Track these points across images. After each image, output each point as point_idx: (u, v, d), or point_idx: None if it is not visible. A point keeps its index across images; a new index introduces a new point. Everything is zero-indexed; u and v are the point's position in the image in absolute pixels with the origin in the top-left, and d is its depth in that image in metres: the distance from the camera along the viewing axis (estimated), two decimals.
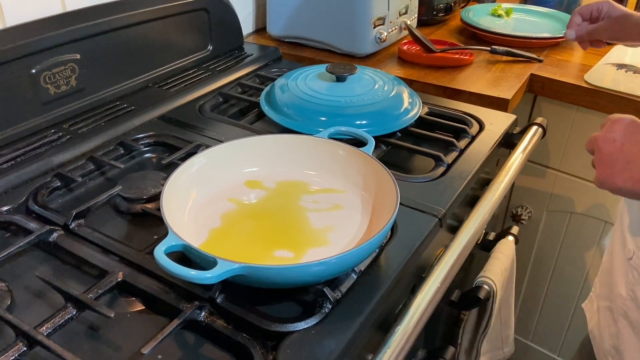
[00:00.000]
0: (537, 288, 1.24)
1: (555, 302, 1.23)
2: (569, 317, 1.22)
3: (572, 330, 1.23)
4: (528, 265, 1.23)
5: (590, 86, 0.96)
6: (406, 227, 0.59)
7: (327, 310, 0.48)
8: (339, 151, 0.60)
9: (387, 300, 0.51)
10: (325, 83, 0.82)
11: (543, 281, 1.22)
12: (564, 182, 1.09)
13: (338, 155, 0.61)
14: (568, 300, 1.20)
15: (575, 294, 1.18)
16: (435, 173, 0.69)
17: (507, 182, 0.69)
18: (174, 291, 0.49)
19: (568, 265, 1.17)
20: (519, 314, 1.30)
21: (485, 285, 0.75)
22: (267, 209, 0.58)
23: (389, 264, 0.54)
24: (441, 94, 0.97)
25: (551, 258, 1.18)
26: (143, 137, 0.74)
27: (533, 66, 1.04)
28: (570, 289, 1.19)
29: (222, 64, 0.98)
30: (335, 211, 0.58)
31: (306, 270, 0.45)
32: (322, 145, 0.62)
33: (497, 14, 1.28)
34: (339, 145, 0.61)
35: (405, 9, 1.13)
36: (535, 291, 1.25)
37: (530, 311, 1.28)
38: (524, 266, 1.23)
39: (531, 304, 1.27)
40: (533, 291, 1.25)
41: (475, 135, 0.79)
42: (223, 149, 0.60)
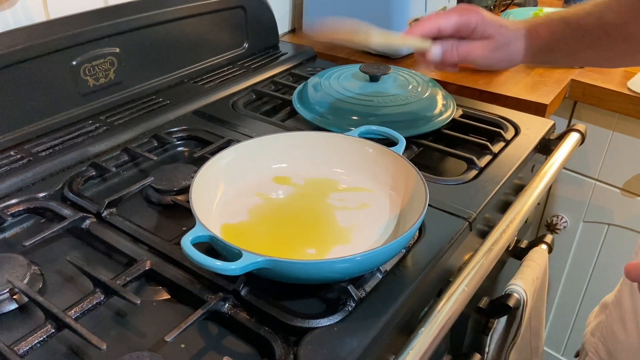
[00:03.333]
0: (571, 301, 1.20)
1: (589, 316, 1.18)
2: None
3: None
4: (562, 277, 1.19)
5: (634, 94, 0.92)
6: (434, 229, 0.58)
7: (351, 309, 0.47)
8: (368, 149, 0.60)
9: (412, 302, 0.50)
10: (358, 82, 0.82)
11: (577, 294, 1.18)
12: (603, 192, 1.05)
13: (367, 153, 0.60)
14: None
15: None
16: (467, 176, 0.68)
17: (542, 189, 0.67)
18: (199, 282, 0.49)
19: (604, 279, 1.12)
20: (550, 326, 1.26)
21: (515, 294, 0.73)
22: (294, 205, 0.58)
23: (415, 265, 0.53)
24: (477, 97, 0.95)
25: (586, 270, 1.14)
26: (176, 131, 0.76)
27: (574, 72, 1.01)
28: None
29: (257, 62, 0.99)
30: (363, 210, 0.57)
31: (330, 267, 0.45)
32: (351, 144, 0.61)
33: None
34: (368, 144, 0.60)
35: (443, 10, 1.11)
36: (568, 304, 1.21)
37: (562, 324, 1.24)
38: (558, 278, 1.20)
39: (564, 316, 1.23)
40: (566, 304, 1.21)
41: (510, 140, 0.77)
42: (253, 144, 0.60)
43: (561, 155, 0.74)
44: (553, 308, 1.24)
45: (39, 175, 0.65)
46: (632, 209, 1.02)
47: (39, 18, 0.74)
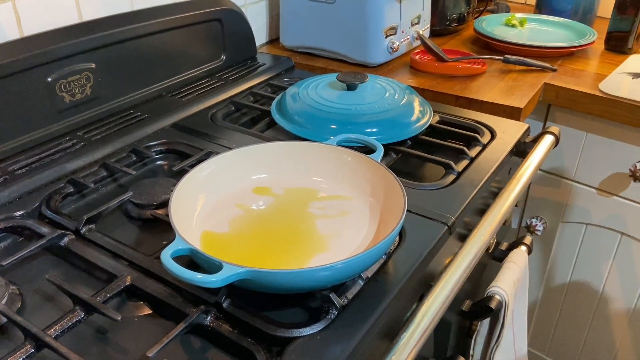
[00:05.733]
0: (553, 301, 1.22)
1: (571, 316, 1.20)
2: (586, 331, 1.19)
3: (588, 344, 1.20)
4: (543, 278, 1.21)
5: (606, 95, 0.95)
6: (415, 234, 0.59)
7: (333, 317, 0.47)
8: (346, 157, 0.61)
9: (394, 308, 0.51)
10: (336, 92, 0.83)
11: (559, 294, 1.20)
12: (579, 193, 1.07)
13: (345, 161, 0.61)
14: (584, 314, 1.18)
15: (591, 308, 1.16)
16: (446, 181, 0.69)
17: (518, 191, 0.69)
18: (181, 295, 0.49)
19: (584, 278, 1.14)
20: (534, 327, 1.28)
21: (496, 296, 0.74)
22: (275, 215, 0.58)
23: (396, 271, 0.54)
24: (453, 103, 0.96)
25: (567, 270, 1.16)
26: (155, 145, 0.75)
27: (547, 75, 1.04)
28: (587, 303, 1.16)
29: (235, 74, 0.99)
30: (343, 217, 0.58)
31: (312, 276, 0.45)
32: (329, 152, 0.62)
33: (511, 24, 1.28)
34: (346, 152, 0.61)
35: (417, 19, 1.13)
36: (550, 304, 1.22)
37: (545, 324, 1.25)
38: (539, 278, 1.21)
39: (547, 317, 1.24)
40: (548, 304, 1.23)
41: (486, 144, 0.78)
42: (231, 155, 0.60)
43: (536, 158, 0.75)
44: (536, 308, 1.25)
45: (15, 193, 0.64)
46: (608, 208, 1.04)
47: (13, 35, 0.74)
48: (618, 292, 1.10)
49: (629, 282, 1.08)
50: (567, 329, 1.22)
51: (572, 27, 1.24)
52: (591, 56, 1.15)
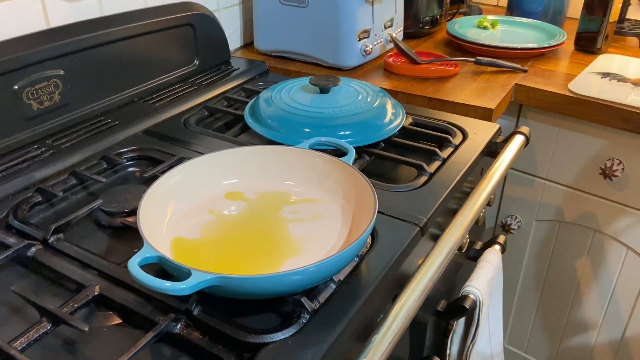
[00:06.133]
0: (529, 298, 1.23)
1: (547, 313, 1.22)
2: (562, 327, 1.21)
3: (565, 340, 1.22)
4: (519, 276, 1.22)
5: (575, 95, 0.97)
6: (387, 236, 0.59)
7: (305, 321, 0.47)
8: (316, 160, 0.61)
9: (367, 310, 0.51)
10: (309, 95, 0.83)
11: (535, 291, 1.22)
12: (552, 191, 1.09)
13: (316, 164, 0.61)
14: (560, 310, 1.20)
15: (567, 304, 1.18)
16: (418, 182, 0.69)
17: (489, 191, 0.69)
18: (150, 304, 0.49)
19: (559, 275, 1.16)
20: (512, 325, 1.29)
21: (471, 295, 0.75)
22: (247, 220, 0.58)
23: (368, 273, 0.54)
24: (426, 105, 0.97)
25: (542, 268, 1.18)
26: (126, 152, 0.75)
27: (518, 76, 1.05)
28: (562, 299, 1.18)
29: (209, 78, 0.99)
30: (315, 221, 0.58)
31: (282, 280, 0.45)
32: (300, 156, 0.62)
33: (483, 25, 1.30)
34: (317, 155, 0.61)
35: (390, 22, 1.14)
36: (527, 301, 1.24)
37: (523, 322, 1.27)
38: (516, 276, 1.23)
39: (524, 314, 1.26)
40: (525, 301, 1.24)
41: (458, 145, 0.79)
42: (201, 161, 0.60)
43: (507, 158, 0.76)
44: (514, 306, 1.27)
45: None
46: (580, 205, 1.06)
47: None
48: (592, 288, 1.12)
49: (603, 278, 1.10)
50: (544, 326, 1.24)
51: (542, 28, 1.27)
52: (561, 57, 1.17)
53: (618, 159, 0.98)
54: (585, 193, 1.04)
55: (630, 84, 1.00)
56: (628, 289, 1.07)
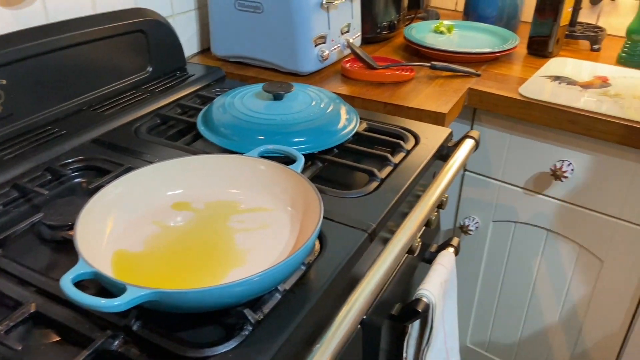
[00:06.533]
0: (489, 298, 1.25)
1: (507, 311, 1.24)
2: (521, 325, 1.23)
3: (524, 338, 1.24)
4: (479, 276, 1.24)
5: (524, 98, 0.99)
6: (336, 243, 0.59)
7: (248, 333, 0.47)
8: (263, 168, 0.60)
9: (315, 318, 0.51)
10: (262, 102, 0.82)
11: (494, 291, 1.24)
12: (507, 192, 1.11)
13: (263, 172, 0.61)
14: (518, 309, 1.22)
15: (524, 303, 1.20)
16: (369, 188, 0.70)
17: (438, 194, 0.70)
18: (89, 320, 0.48)
19: (516, 275, 1.19)
20: (473, 324, 1.31)
21: (423, 298, 0.75)
22: (193, 231, 0.57)
23: (315, 281, 0.54)
24: (382, 110, 0.98)
25: (500, 267, 1.20)
26: (72, 162, 0.73)
27: (471, 80, 1.07)
28: (520, 298, 1.21)
29: (162, 85, 0.97)
30: (263, 230, 0.57)
31: (222, 292, 0.45)
32: (246, 164, 0.62)
33: (440, 30, 1.32)
34: (262, 162, 0.61)
35: (347, 27, 1.15)
36: (487, 301, 1.26)
37: (483, 321, 1.29)
38: (475, 277, 1.25)
39: (484, 313, 1.28)
40: (485, 301, 1.26)
41: (410, 150, 0.80)
42: (144, 172, 0.59)
43: (457, 161, 0.78)
44: (474, 305, 1.29)
45: None
46: (534, 206, 1.09)
47: None
48: (548, 286, 1.15)
49: (557, 276, 1.13)
50: (504, 324, 1.26)
51: (496, 33, 1.29)
52: (515, 61, 1.20)
53: (568, 160, 1.00)
54: (538, 194, 1.07)
55: (579, 87, 1.03)
56: (582, 286, 1.10)
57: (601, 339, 1.13)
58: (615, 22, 1.40)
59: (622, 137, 0.91)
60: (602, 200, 1.00)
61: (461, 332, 1.34)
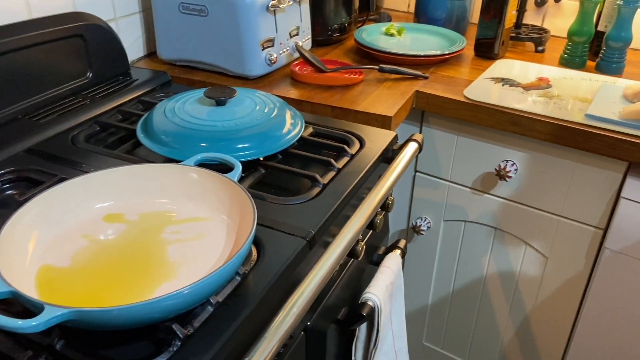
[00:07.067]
0: (443, 296, 1.27)
1: (460, 308, 1.27)
2: (473, 322, 1.26)
3: (477, 334, 1.27)
4: (432, 275, 1.26)
5: (469, 101, 1.01)
6: (273, 251, 0.58)
7: (176, 348, 0.46)
8: (196, 177, 0.59)
9: (249, 330, 0.50)
10: (205, 108, 0.81)
11: (447, 289, 1.26)
12: (456, 193, 1.13)
13: (198, 181, 0.60)
14: (471, 306, 1.24)
15: (476, 300, 1.23)
16: (310, 194, 0.69)
17: (379, 198, 0.71)
18: (11, 340, 0.46)
19: (467, 273, 1.21)
20: (428, 322, 1.33)
21: (369, 302, 0.76)
22: (124, 244, 0.55)
23: (251, 291, 0.53)
24: (330, 114, 0.98)
25: (452, 266, 1.22)
26: (4, 173, 0.70)
27: (419, 83, 1.08)
28: (472, 295, 1.23)
29: (103, 91, 0.95)
30: (198, 241, 0.56)
31: (146, 309, 0.44)
32: (180, 173, 0.61)
33: (390, 33, 1.33)
34: (196, 171, 0.60)
35: (296, 30, 1.15)
36: (441, 299, 1.28)
37: (438, 319, 1.31)
38: (429, 276, 1.27)
39: (439, 311, 1.30)
40: (439, 300, 1.28)
41: (355, 154, 0.80)
42: (72, 185, 0.57)
43: (400, 165, 0.78)
44: (429, 304, 1.30)
45: None
46: (481, 205, 1.11)
47: None
48: (497, 283, 1.18)
49: (506, 273, 1.15)
50: (458, 321, 1.29)
51: (445, 35, 1.31)
52: (462, 63, 1.22)
53: (512, 161, 1.03)
54: (485, 193, 1.09)
55: (521, 89, 1.06)
56: (529, 281, 1.13)
57: (549, 333, 1.16)
58: (560, 23, 1.44)
59: (561, 138, 0.94)
60: (544, 199, 1.03)
61: (417, 331, 1.36)
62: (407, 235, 1.25)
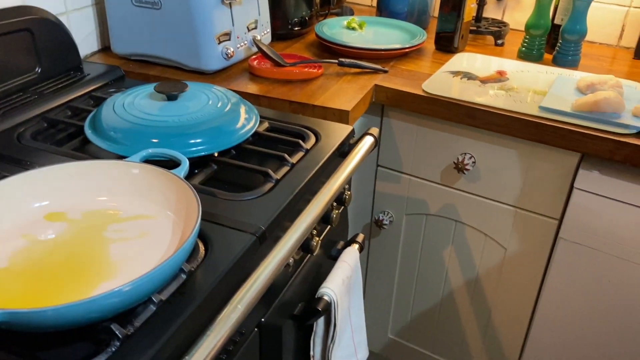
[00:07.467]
0: (407, 290, 1.28)
1: (423, 301, 1.28)
2: (437, 314, 1.27)
3: (441, 325, 1.28)
4: (396, 269, 1.27)
5: (427, 94, 1.01)
6: (222, 248, 0.57)
7: (115, 349, 0.45)
8: (138, 173, 0.58)
9: (193, 328, 0.49)
10: (156, 103, 0.79)
11: (411, 282, 1.27)
12: (417, 186, 1.13)
13: (141, 178, 0.59)
14: (434, 298, 1.26)
15: (439, 292, 1.24)
16: (263, 189, 0.69)
17: (332, 192, 0.70)
18: None
19: (430, 265, 1.22)
20: (393, 316, 1.34)
21: (325, 297, 0.76)
22: (64, 243, 0.54)
23: (196, 289, 0.52)
24: (287, 108, 0.97)
25: (415, 259, 1.23)
26: None
27: (378, 77, 1.08)
28: (435, 288, 1.24)
29: (53, 86, 0.92)
30: (142, 239, 0.55)
31: (81, 308, 0.42)
32: (122, 169, 0.59)
33: (351, 26, 1.32)
34: (135, 166, 0.59)
35: (254, 23, 1.13)
36: (405, 293, 1.29)
37: (403, 312, 1.32)
38: (393, 269, 1.27)
39: (403, 304, 1.31)
40: (404, 293, 1.29)
41: (310, 149, 0.80)
42: (8, 183, 0.55)
43: (355, 159, 0.78)
44: (393, 298, 1.31)
45: None
46: (441, 198, 1.12)
47: None
48: (459, 275, 1.19)
49: (467, 264, 1.17)
50: (422, 314, 1.30)
51: (406, 29, 1.31)
52: (423, 56, 1.23)
53: (469, 154, 1.04)
54: (445, 186, 1.10)
55: (479, 82, 1.07)
56: (489, 272, 1.15)
57: (509, 322, 1.18)
58: (520, 17, 1.46)
59: (516, 130, 0.95)
60: (502, 191, 1.05)
61: (382, 325, 1.36)
62: (371, 229, 1.26)
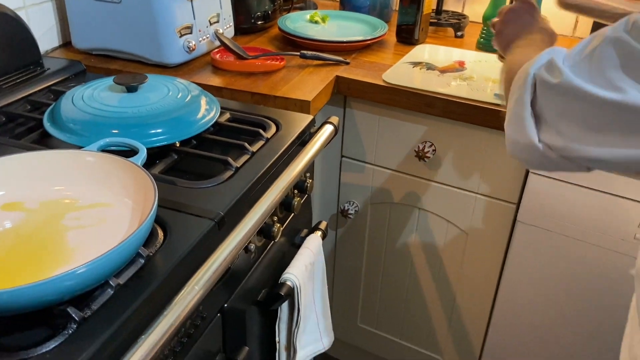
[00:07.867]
0: (374, 278, 1.31)
1: (391, 288, 1.30)
2: (404, 300, 1.30)
3: (408, 312, 1.31)
4: (363, 258, 1.29)
5: (387, 84, 1.03)
6: (180, 233, 0.59)
7: (72, 331, 0.45)
8: (94, 161, 0.59)
9: (149, 311, 0.50)
10: (116, 95, 0.80)
11: (378, 270, 1.29)
12: (381, 175, 1.16)
13: (98, 166, 0.59)
14: (400, 286, 1.28)
15: (406, 279, 1.27)
16: (222, 177, 0.70)
17: (291, 178, 0.72)
18: None
19: (395, 253, 1.24)
20: (362, 304, 1.36)
21: (287, 282, 0.77)
22: (22, 232, 0.54)
23: (153, 273, 0.53)
24: (249, 100, 0.98)
25: (381, 248, 1.25)
26: None
27: (340, 68, 1.10)
28: (401, 275, 1.27)
29: (11, 81, 0.91)
30: (99, 226, 0.56)
31: (35, 291, 0.43)
32: (77, 158, 0.60)
33: (314, 20, 1.34)
34: (89, 154, 0.59)
35: (216, 17, 1.14)
36: (372, 281, 1.31)
37: (371, 300, 1.34)
38: (360, 258, 1.30)
39: (371, 292, 1.33)
40: (371, 281, 1.32)
41: (270, 138, 0.81)
42: None
43: (314, 147, 0.80)
44: (361, 288, 1.34)
45: None
46: (404, 186, 1.14)
47: None
48: (423, 261, 1.22)
49: (431, 251, 1.20)
50: (389, 301, 1.32)
51: (368, 22, 1.34)
52: (385, 48, 1.25)
53: (430, 142, 1.06)
54: (407, 175, 1.13)
55: (437, 72, 1.10)
56: (452, 258, 1.18)
57: (473, 306, 1.21)
58: (479, 9, 1.49)
59: (473, 117, 0.98)
60: (462, 177, 1.08)
61: (351, 313, 1.39)
62: (337, 220, 1.28)
